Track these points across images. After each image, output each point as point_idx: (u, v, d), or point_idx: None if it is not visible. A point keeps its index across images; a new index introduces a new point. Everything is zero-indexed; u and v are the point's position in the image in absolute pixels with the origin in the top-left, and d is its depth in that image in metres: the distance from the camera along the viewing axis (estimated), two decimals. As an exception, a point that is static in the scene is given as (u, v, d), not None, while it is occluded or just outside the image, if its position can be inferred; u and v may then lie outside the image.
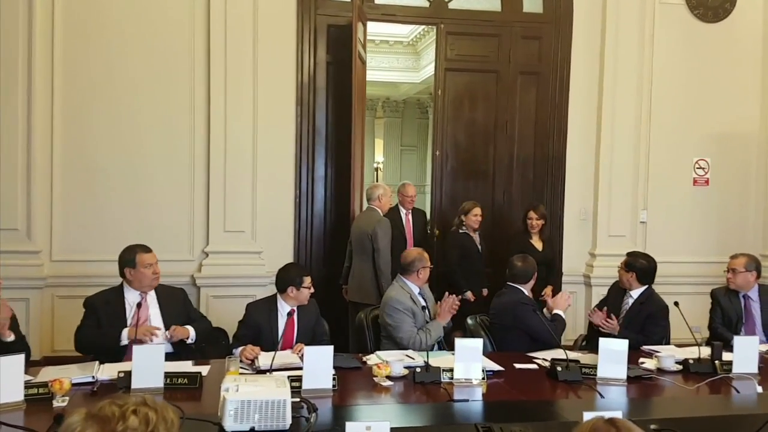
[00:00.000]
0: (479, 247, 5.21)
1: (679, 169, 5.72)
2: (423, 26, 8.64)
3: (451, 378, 2.86)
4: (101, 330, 3.28)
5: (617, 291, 4.01)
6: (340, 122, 5.33)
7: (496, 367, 3.06)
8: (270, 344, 3.13)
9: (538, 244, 5.11)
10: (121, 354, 3.16)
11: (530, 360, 3.30)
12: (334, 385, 2.69)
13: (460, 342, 2.91)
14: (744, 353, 3.11)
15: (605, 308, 3.85)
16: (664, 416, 2.58)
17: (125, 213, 5.01)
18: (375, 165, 16.02)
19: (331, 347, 2.71)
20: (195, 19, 5.07)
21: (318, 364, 2.65)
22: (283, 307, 3.40)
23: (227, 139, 5.13)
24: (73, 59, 4.92)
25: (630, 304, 3.88)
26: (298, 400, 2.29)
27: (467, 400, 2.64)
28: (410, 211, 5.49)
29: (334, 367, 2.82)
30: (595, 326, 3.81)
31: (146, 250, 3.45)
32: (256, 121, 5.19)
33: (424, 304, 3.64)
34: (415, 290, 3.64)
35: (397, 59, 12.16)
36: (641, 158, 5.66)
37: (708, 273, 5.23)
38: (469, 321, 3.87)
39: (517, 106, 5.74)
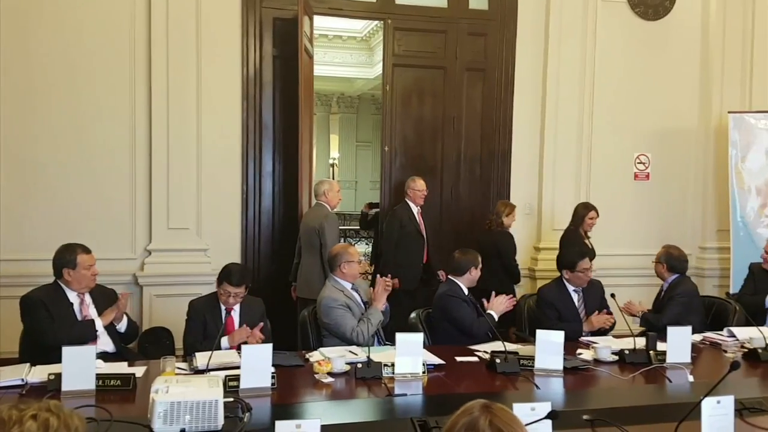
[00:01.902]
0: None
1: (621, 164, 5.87)
2: (376, 22, 8.60)
3: (392, 373, 2.86)
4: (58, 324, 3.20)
5: None
6: (289, 117, 5.27)
7: (437, 361, 3.08)
8: (212, 342, 3.08)
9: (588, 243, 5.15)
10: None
11: (471, 353, 3.33)
12: (273, 384, 2.66)
13: (400, 337, 2.91)
14: (677, 343, 3.20)
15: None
16: (598, 406, 2.63)
17: (65, 210, 4.86)
18: (330, 161, 15.96)
19: (270, 345, 2.68)
20: (136, 10, 4.94)
21: (256, 363, 2.61)
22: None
23: (170, 134, 5.02)
24: (12, 53, 4.73)
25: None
26: (231, 399, 2.25)
27: (405, 395, 2.65)
28: (420, 207, 5.29)
29: (275, 366, 2.80)
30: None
31: (86, 250, 3.38)
32: (200, 116, 5.10)
33: (359, 298, 3.63)
34: (348, 286, 3.62)
35: (351, 55, 12.12)
36: (584, 153, 5.78)
37: (648, 265, 5.32)
38: (412, 315, 3.88)
39: (464, 102, 5.79)
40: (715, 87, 5.87)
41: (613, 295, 3.82)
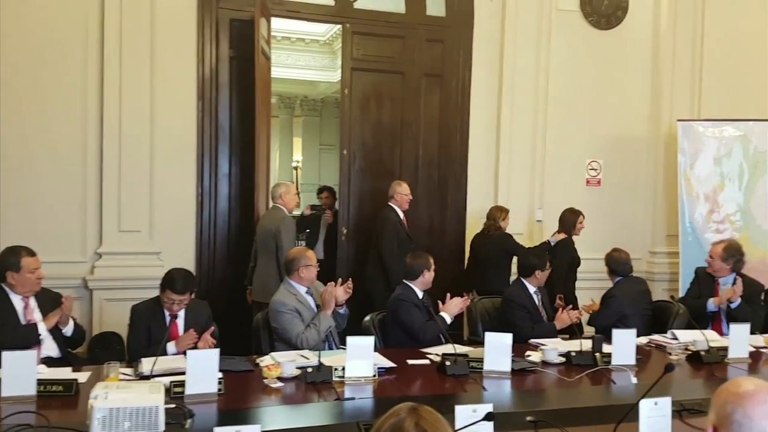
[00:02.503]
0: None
1: (573, 170, 5.99)
2: (339, 26, 8.59)
3: (343, 377, 2.86)
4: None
5: None
6: (246, 119, 5.22)
7: (389, 364, 3.09)
8: (157, 347, 3.03)
9: None
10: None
11: (423, 355, 3.36)
12: (220, 390, 2.63)
13: (351, 340, 2.92)
14: (622, 345, 3.28)
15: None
16: (543, 407, 2.70)
17: (13, 212, 4.71)
18: (294, 164, 15.87)
19: (216, 351, 2.65)
20: (88, 10, 4.84)
21: (202, 369, 2.58)
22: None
23: (122, 135, 4.92)
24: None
25: None
26: (173, 406, 2.22)
27: (353, 399, 2.65)
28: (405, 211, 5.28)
29: (224, 371, 2.77)
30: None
31: (31, 253, 3.32)
32: (154, 116, 5.01)
33: (313, 303, 3.62)
34: (302, 290, 3.61)
35: (314, 58, 12.09)
36: (537, 159, 5.88)
37: (599, 269, 5.45)
38: (366, 319, 3.89)
39: (422, 107, 5.83)
40: (665, 95, 6.04)
41: (560, 297, 3.90)
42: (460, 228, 5.95)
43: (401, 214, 5.25)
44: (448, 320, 3.64)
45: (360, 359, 2.89)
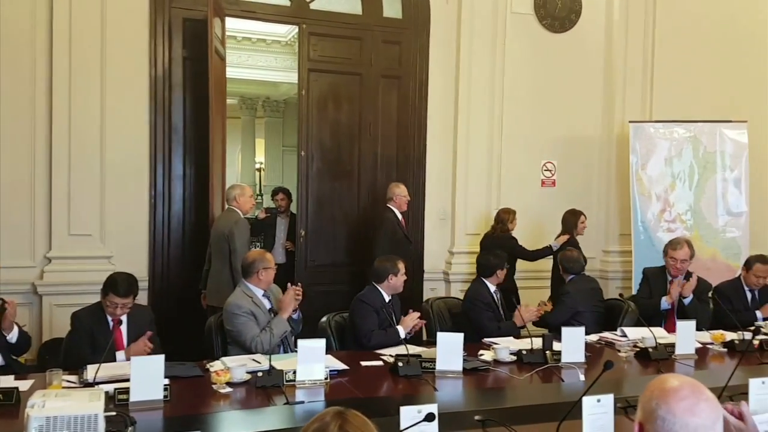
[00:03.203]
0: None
1: (529, 171, 6.07)
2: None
3: (293, 380, 2.84)
4: None
5: None
6: (200, 119, 5.15)
7: (341, 366, 3.08)
8: (100, 354, 2.96)
9: None
10: None
11: (377, 357, 3.36)
12: (165, 396, 2.58)
13: (302, 343, 2.90)
14: (571, 343, 3.33)
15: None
16: (492, 406, 2.72)
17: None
18: (257, 165, 15.71)
19: (161, 356, 2.60)
20: (36, 10, 4.72)
21: (146, 375, 2.53)
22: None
23: (72, 136, 4.82)
24: None
25: None
26: (114, 413, 2.17)
27: (303, 402, 2.63)
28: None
29: (171, 377, 2.73)
30: None
31: None
32: (105, 117, 4.92)
33: (269, 306, 3.59)
34: (259, 293, 3.57)
35: (276, 59, 11.99)
36: (494, 160, 5.94)
37: (546, 268, 5.58)
38: (322, 320, 3.88)
39: (379, 108, 5.84)
40: (617, 97, 6.18)
41: (514, 297, 3.95)
42: (419, 229, 5.97)
43: (399, 216, 5.32)
44: (403, 335, 3.62)
45: (311, 362, 2.87)
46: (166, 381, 2.63)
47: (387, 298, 3.78)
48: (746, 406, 1.83)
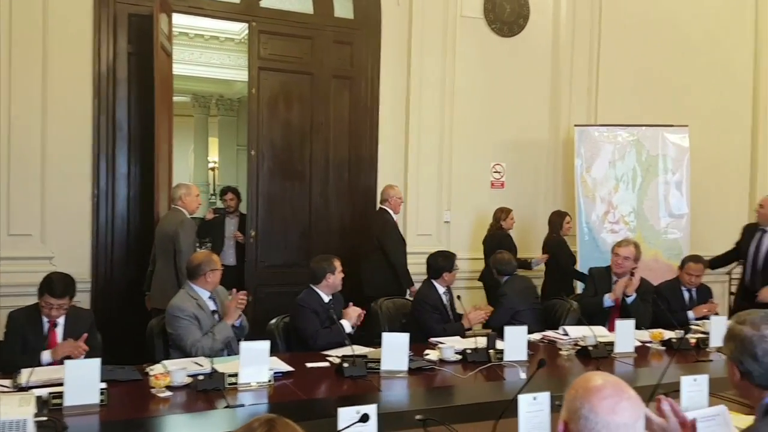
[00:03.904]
0: None
1: (479, 173, 6.15)
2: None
3: (236, 383, 2.81)
4: None
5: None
6: (146, 117, 5.02)
7: (286, 368, 3.06)
8: (30, 356, 2.87)
9: None
10: None
11: (323, 358, 3.35)
12: (102, 400, 2.51)
13: (244, 345, 2.87)
14: (513, 342, 3.39)
15: None
16: (435, 405, 2.75)
17: None
18: (210, 165, 15.45)
19: (98, 360, 2.53)
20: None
21: (81, 379, 2.46)
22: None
23: (11, 133, 4.65)
24: None
25: None
26: (45, 418, 2.11)
27: (243, 405, 2.60)
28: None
29: (108, 381, 2.66)
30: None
31: None
32: (46, 113, 4.76)
33: (214, 308, 3.53)
34: (205, 295, 3.52)
35: (229, 56, 11.81)
36: (444, 162, 6.00)
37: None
38: (271, 322, 3.84)
39: (331, 109, 5.82)
40: (563, 101, 6.32)
41: (458, 297, 4.00)
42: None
43: (394, 217, 5.38)
44: (348, 328, 3.63)
45: (254, 365, 2.84)
46: (103, 385, 2.57)
47: (326, 299, 3.75)
48: (668, 406, 1.88)
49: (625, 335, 3.65)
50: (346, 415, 1.97)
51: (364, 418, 1.90)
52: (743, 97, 7.00)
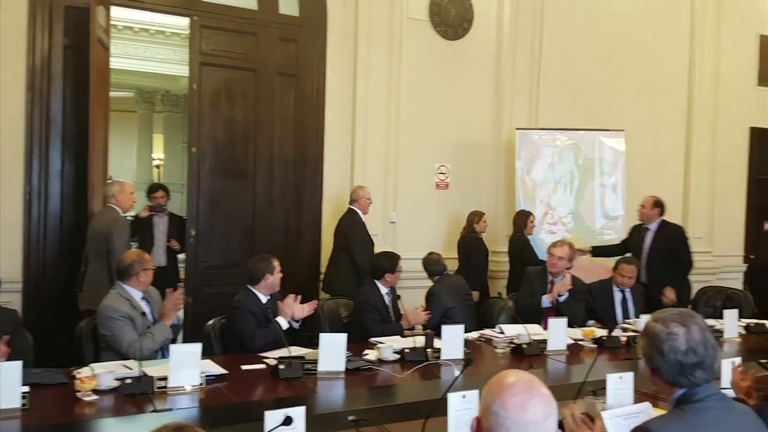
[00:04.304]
0: None
1: (424, 174, 6.19)
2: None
3: (165, 387, 2.75)
4: None
5: None
6: (81, 112, 4.87)
7: (219, 371, 3.02)
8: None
9: None
10: None
11: (260, 360, 3.32)
12: (24, 405, 2.43)
13: (174, 348, 2.82)
14: (450, 341, 3.44)
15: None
16: (369, 405, 2.75)
17: None
18: (155, 162, 15.06)
19: (19, 363, 2.44)
20: None
21: (2, 382, 2.37)
22: None
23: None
24: None
25: None
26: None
27: (171, 409, 2.55)
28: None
29: (33, 384, 2.58)
30: None
31: None
32: (-26, 107, 4.56)
33: (144, 309, 3.45)
34: (137, 295, 3.44)
35: (175, 51, 11.56)
36: (390, 162, 6.01)
37: (451, 267, 5.73)
38: (209, 323, 3.78)
39: (276, 106, 5.76)
40: (506, 105, 6.42)
41: (398, 297, 4.03)
42: (315, 229, 5.95)
43: (363, 218, 5.41)
44: (284, 325, 3.61)
45: (185, 368, 2.79)
46: (26, 388, 2.49)
47: (264, 299, 3.71)
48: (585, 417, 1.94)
49: (558, 333, 3.75)
50: (273, 418, 1.95)
51: (287, 422, 1.89)
52: (678, 103, 7.27)
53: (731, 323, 4.23)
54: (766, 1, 7.72)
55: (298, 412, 2.01)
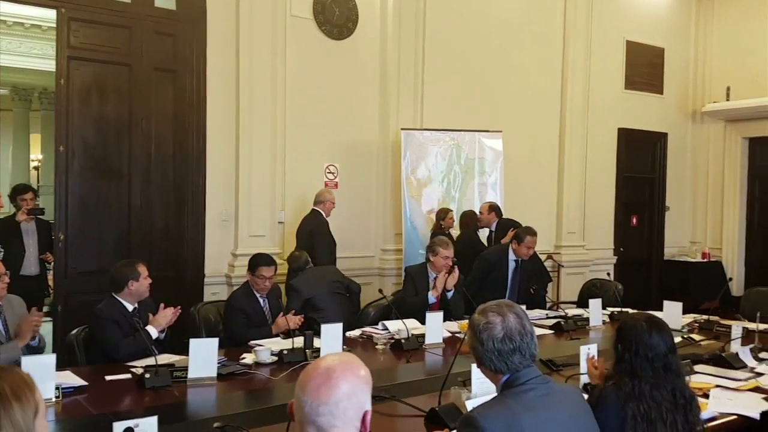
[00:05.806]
0: None
1: (313, 173, 6.13)
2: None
3: (15, 402, 2.55)
4: None
5: None
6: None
7: (79, 382, 2.84)
8: None
9: None
10: None
11: (126, 369, 3.15)
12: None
13: (26, 360, 2.63)
14: (330, 339, 3.41)
15: None
16: (236, 411, 2.68)
17: None
18: (33, 164, 14.05)
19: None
20: None
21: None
22: None
23: None
24: None
25: None
26: None
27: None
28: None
29: None
30: None
31: None
32: None
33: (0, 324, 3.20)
34: None
35: (52, 47, 10.74)
36: (278, 161, 5.92)
37: (340, 267, 5.73)
38: (71, 333, 3.56)
39: (153, 103, 5.51)
40: (392, 105, 6.51)
41: (279, 298, 3.97)
42: (199, 231, 5.76)
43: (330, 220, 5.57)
44: (155, 334, 3.45)
45: (38, 381, 2.59)
46: None
47: (130, 307, 3.51)
48: None
49: (434, 327, 3.86)
50: (120, 429, 1.86)
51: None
52: (552, 105, 7.69)
53: (595, 312, 4.51)
54: (633, 8, 8.33)
55: (149, 423, 1.92)
